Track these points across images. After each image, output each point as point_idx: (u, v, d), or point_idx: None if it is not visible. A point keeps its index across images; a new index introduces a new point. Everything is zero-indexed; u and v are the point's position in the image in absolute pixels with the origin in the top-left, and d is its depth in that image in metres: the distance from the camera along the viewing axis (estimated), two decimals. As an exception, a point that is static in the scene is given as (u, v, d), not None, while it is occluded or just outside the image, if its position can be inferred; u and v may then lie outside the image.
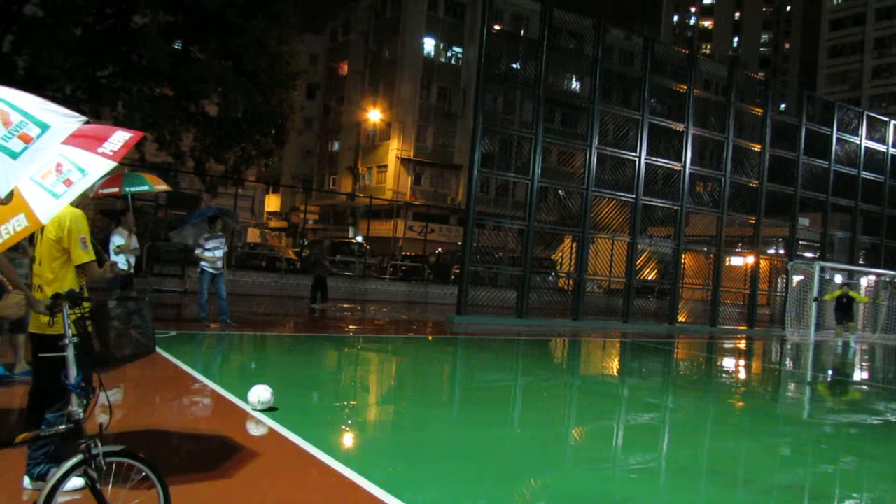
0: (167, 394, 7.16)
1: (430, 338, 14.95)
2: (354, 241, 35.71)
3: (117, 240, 10.57)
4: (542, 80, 19.78)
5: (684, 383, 11.90)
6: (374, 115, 49.89)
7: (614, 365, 14.08)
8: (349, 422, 6.67)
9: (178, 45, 21.19)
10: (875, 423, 9.54)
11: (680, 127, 22.58)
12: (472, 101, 19.12)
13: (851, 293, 20.75)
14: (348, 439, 6.12)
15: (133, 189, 9.60)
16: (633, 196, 21.37)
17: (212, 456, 5.12)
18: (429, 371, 10.69)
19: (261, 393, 6.55)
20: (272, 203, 61.21)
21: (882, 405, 10.98)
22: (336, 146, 61.09)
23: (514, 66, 20.91)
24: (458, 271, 20.17)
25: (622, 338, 18.81)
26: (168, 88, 21.15)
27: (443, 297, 23.66)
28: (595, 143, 20.62)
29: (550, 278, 23.19)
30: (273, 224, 55.99)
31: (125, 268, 10.45)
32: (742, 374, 14.02)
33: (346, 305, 19.97)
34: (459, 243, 19.51)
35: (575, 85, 29.35)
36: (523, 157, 20.07)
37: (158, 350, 8.85)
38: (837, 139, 27.05)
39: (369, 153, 54.07)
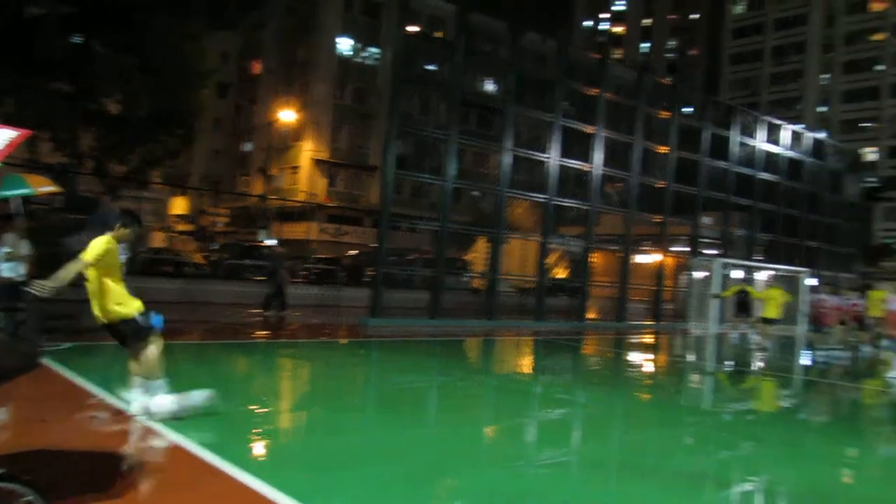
0: (59, 410, 6.66)
1: (344, 341, 14.82)
2: (266, 244, 35.07)
3: (6, 246, 9.99)
4: (458, 82, 19.89)
5: (593, 378, 12.19)
6: (288, 116, 49.12)
7: (527, 363, 14.29)
8: (260, 431, 6.53)
9: (78, 39, 20.26)
10: (768, 409, 10.02)
11: (591, 130, 23.09)
12: (388, 103, 19.04)
13: (748, 289, 21.69)
14: (259, 449, 5.99)
15: (9, 193, 8.86)
16: (546, 197, 21.73)
17: (108, 475, 4.85)
18: (343, 375, 10.59)
19: (161, 402, 6.33)
20: (179, 206, 59.46)
21: (774, 392, 11.54)
22: (247, 147, 59.87)
23: (430, 67, 20.94)
24: (372, 273, 20.05)
25: (534, 336, 19.08)
26: (66, 84, 20.19)
27: (357, 300, 23.47)
28: (509, 144, 20.87)
29: (464, 279, 23.35)
30: (180, 227, 54.37)
31: (12, 275, 9.90)
32: (647, 368, 14.45)
33: (256, 311, 19.56)
34: (374, 245, 19.39)
35: (490, 87, 29.68)
36: (438, 159, 20.12)
37: (49, 363, 8.42)
38: (737, 142, 28.24)
39: (282, 154, 53.21)
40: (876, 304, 21.58)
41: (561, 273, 24.02)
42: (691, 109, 27.86)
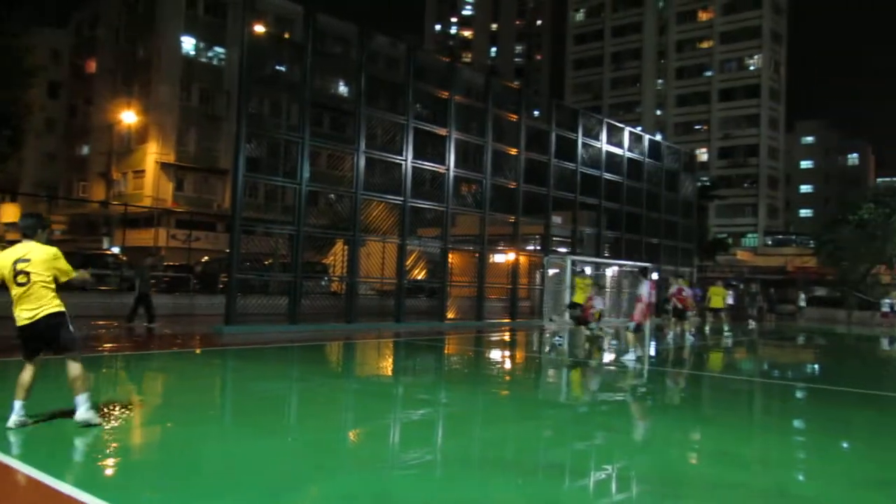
0: None
1: (198, 351, 14.24)
2: (109, 252, 33.13)
3: None
4: (308, 84, 19.60)
5: (454, 377, 12.35)
6: (129, 117, 46.59)
7: (387, 365, 14.29)
8: (106, 451, 6.13)
9: None
10: (617, 399, 10.54)
11: (443, 132, 23.42)
12: (237, 104, 18.49)
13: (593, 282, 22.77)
14: (105, 470, 5.62)
15: None
16: (402, 199, 21.84)
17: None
18: (197, 386, 10.16)
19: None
20: (9, 213, 55.04)
21: (622, 384, 12.15)
22: (85, 150, 56.30)
23: (279, 68, 20.49)
24: (226, 280, 19.38)
25: (395, 338, 19.12)
26: None
27: (211, 308, 22.64)
28: (363, 146, 20.79)
29: (323, 283, 23.05)
30: (10, 237, 50.30)
31: None
32: (506, 364, 14.83)
33: (101, 322, 18.42)
34: (227, 250, 18.76)
35: (342, 89, 29.46)
36: (292, 161, 19.75)
37: None
38: (583, 143, 29.55)
39: (124, 158, 50.44)
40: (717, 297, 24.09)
41: (420, 274, 24.20)
42: (538, 112, 28.92)
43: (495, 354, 16.69)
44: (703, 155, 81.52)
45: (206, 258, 34.18)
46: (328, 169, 21.90)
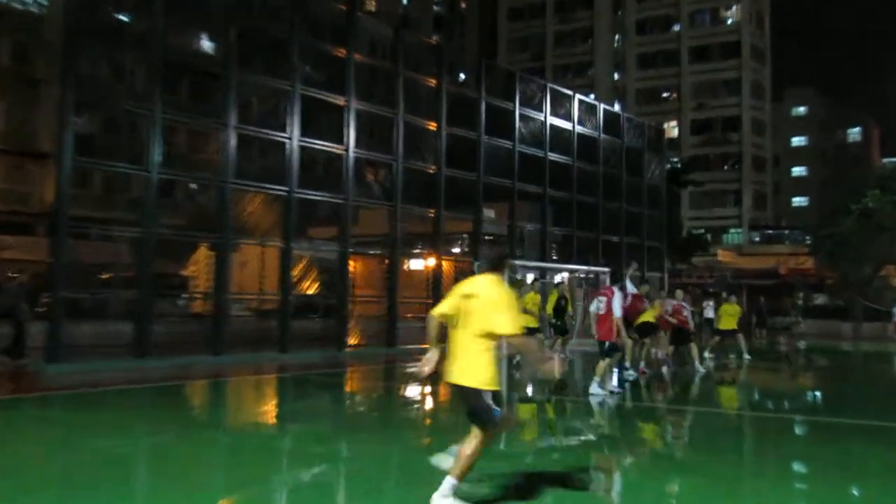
0: None
1: (9, 397, 13.72)
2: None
3: None
4: (160, 38, 19.13)
5: (360, 423, 12.22)
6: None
7: (270, 409, 14.08)
8: None
9: None
10: (581, 448, 10.59)
11: (341, 101, 23.24)
12: (61, 64, 17.91)
13: (567, 294, 22.95)
14: None
15: None
16: (286, 189, 21.53)
17: None
18: (6, 449, 9.73)
19: None
20: None
21: (589, 427, 12.23)
22: None
23: (121, 17, 19.96)
24: (48, 301, 18.74)
25: (280, 373, 18.87)
26: None
27: (29, 338, 21.81)
28: (234, 121, 20.41)
29: (182, 302, 22.61)
30: None
31: None
32: (427, 405, 14.77)
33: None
34: (50, 261, 18.15)
35: (207, 46, 28.89)
36: (138, 141, 19.30)
37: None
38: (521, 116, 29.81)
39: None
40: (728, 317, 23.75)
41: (312, 288, 23.95)
42: (464, 76, 29.02)
43: (413, 392, 16.63)
44: (672, 130, 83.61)
45: (16, 273, 32.90)
46: (189, 151, 21.45)
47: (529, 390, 16.03)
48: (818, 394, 17.77)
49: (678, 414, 14.20)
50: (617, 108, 46.88)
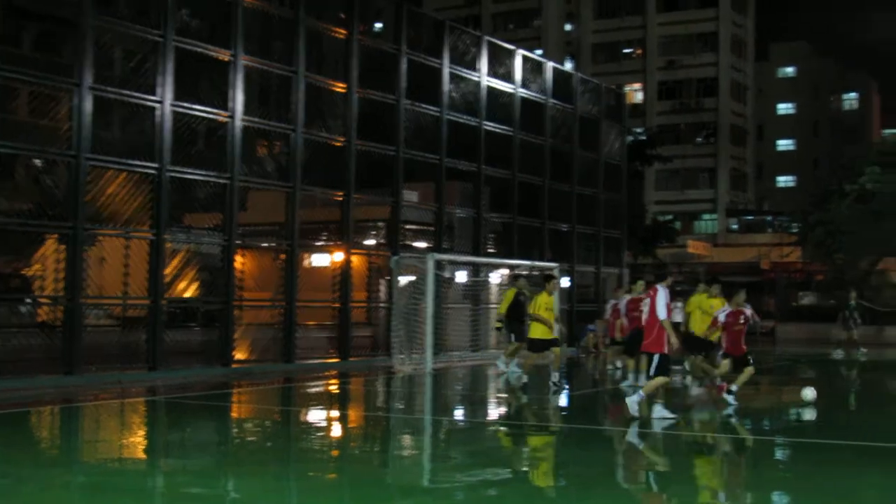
0: None
1: None
2: None
3: None
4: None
5: (248, 457, 12.13)
6: None
7: (137, 441, 13.94)
8: None
9: None
10: (509, 475, 10.62)
11: (225, 55, 22.94)
12: None
13: (526, 291, 22.96)
14: None
15: None
16: (157, 165, 21.22)
17: None
18: None
19: None
20: None
21: (527, 450, 12.28)
22: None
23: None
24: None
25: (149, 395, 18.69)
26: None
27: None
28: (89, 80, 20.03)
29: (23, 308, 22.17)
30: None
31: None
32: (333, 433, 14.75)
33: None
34: None
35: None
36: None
37: None
38: (452, 75, 29.75)
39: None
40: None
41: (190, 290, 23.65)
42: (380, 26, 28.86)
43: (316, 417, 16.57)
44: (636, 94, 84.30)
45: None
46: (30, 117, 20.96)
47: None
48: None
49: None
50: (569, 66, 47.18)
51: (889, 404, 21.17)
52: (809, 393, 17.00)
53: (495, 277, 30.79)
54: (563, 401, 19.07)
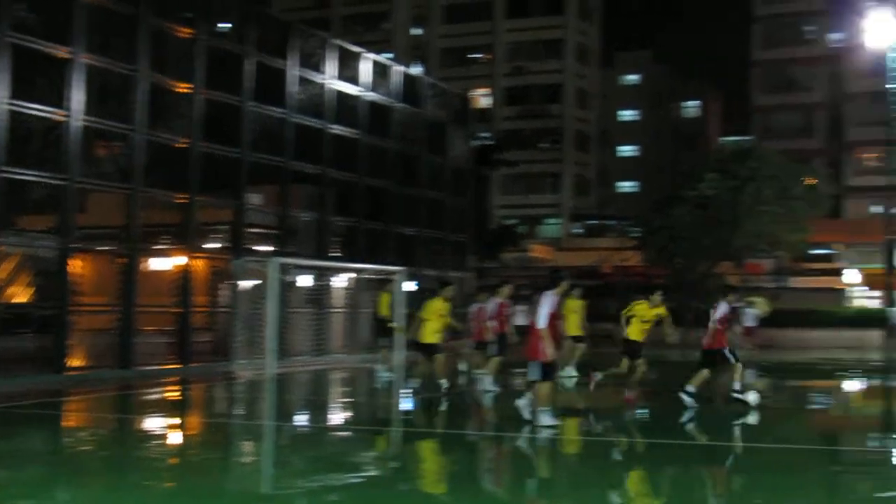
0: None
1: None
2: None
3: None
4: None
5: (84, 466, 11.93)
6: None
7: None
8: None
9: None
10: (354, 480, 10.66)
11: (64, 53, 22.42)
12: None
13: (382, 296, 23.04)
14: None
15: None
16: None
17: None
18: None
19: None
20: None
21: (359, 456, 12.31)
22: None
23: None
24: None
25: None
26: None
27: None
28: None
29: None
30: None
31: None
32: (172, 440, 14.61)
33: None
34: None
35: None
36: None
37: None
38: (299, 78, 29.63)
39: None
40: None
41: (21, 295, 23.01)
42: (228, 25, 28.55)
43: (152, 425, 16.32)
44: (483, 99, 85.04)
45: None
46: None
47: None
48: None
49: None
50: (417, 70, 47.33)
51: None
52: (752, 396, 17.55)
53: (340, 281, 30.76)
54: (410, 405, 19.19)
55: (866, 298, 52.07)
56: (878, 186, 55.32)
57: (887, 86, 48.43)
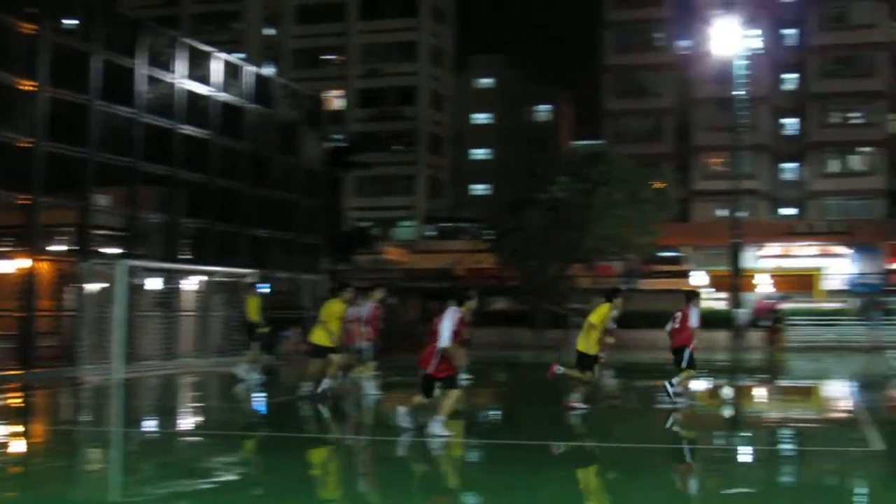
0: None
1: None
2: None
3: None
4: None
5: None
6: None
7: None
8: None
9: None
10: (205, 486, 10.62)
11: None
12: None
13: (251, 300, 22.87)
14: None
15: None
16: None
17: None
18: None
19: None
20: None
21: (209, 461, 12.27)
22: None
23: None
24: None
25: None
26: None
27: None
28: None
29: None
30: None
31: None
32: (10, 449, 14.32)
33: None
34: None
35: None
36: None
37: None
38: (148, 77, 29.23)
39: None
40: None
41: None
42: (75, 22, 28.04)
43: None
44: (337, 100, 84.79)
45: None
46: None
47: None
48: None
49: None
50: (269, 71, 47.09)
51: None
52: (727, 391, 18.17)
53: (191, 284, 30.43)
54: (262, 408, 19.14)
55: (713, 300, 53.49)
56: (724, 190, 57.06)
57: (733, 92, 50.06)
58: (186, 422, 18.31)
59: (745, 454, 14.23)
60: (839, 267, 60.81)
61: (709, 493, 10.91)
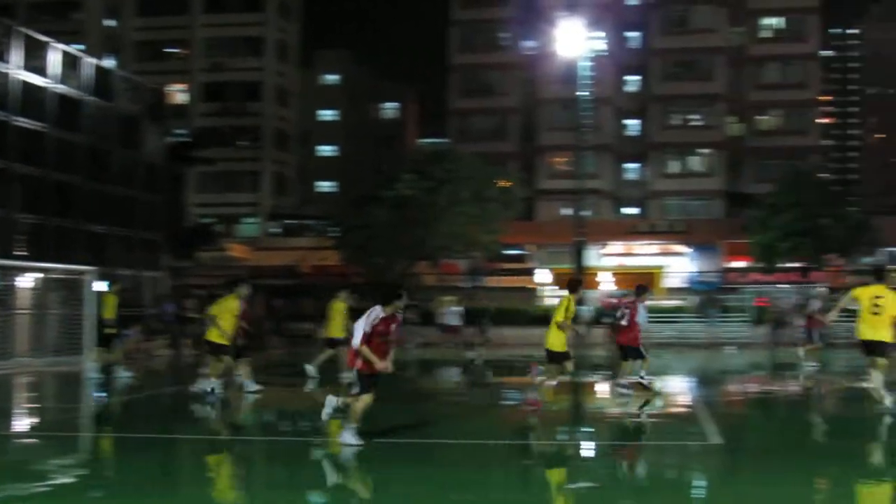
0: None
1: None
2: None
3: None
4: None
5: None
6: None
7: None
8: None
9: None
10: (40, 489, 10.45)
11: None
12: None
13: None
14: None
15: None
16: None
17: None
18: None
19: None
20: None
21: (45, 463, 12.07)
22: None
23: None
24: None
25: None
26: None
27: None
28: None
29: None
30: None
31: None
32: None
33: None
34: None
35: None
36: None
37: None
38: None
39: None
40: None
41: None
42: None
43: None
44: (180, 94, 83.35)
45: None
46: None
47: None
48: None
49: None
50: (110, 63, 46.15)
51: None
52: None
53: (26, 281, 29.67)
54: (102, 407, 18.84)
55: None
56: (568, 190, 58.00)
57: (577, 93, 51.10)
58: (21, 423, 17.89)
59: (586, 449, 14.64)
60: (679, 265, 62.95)
61: (548, 488, 11.23)
